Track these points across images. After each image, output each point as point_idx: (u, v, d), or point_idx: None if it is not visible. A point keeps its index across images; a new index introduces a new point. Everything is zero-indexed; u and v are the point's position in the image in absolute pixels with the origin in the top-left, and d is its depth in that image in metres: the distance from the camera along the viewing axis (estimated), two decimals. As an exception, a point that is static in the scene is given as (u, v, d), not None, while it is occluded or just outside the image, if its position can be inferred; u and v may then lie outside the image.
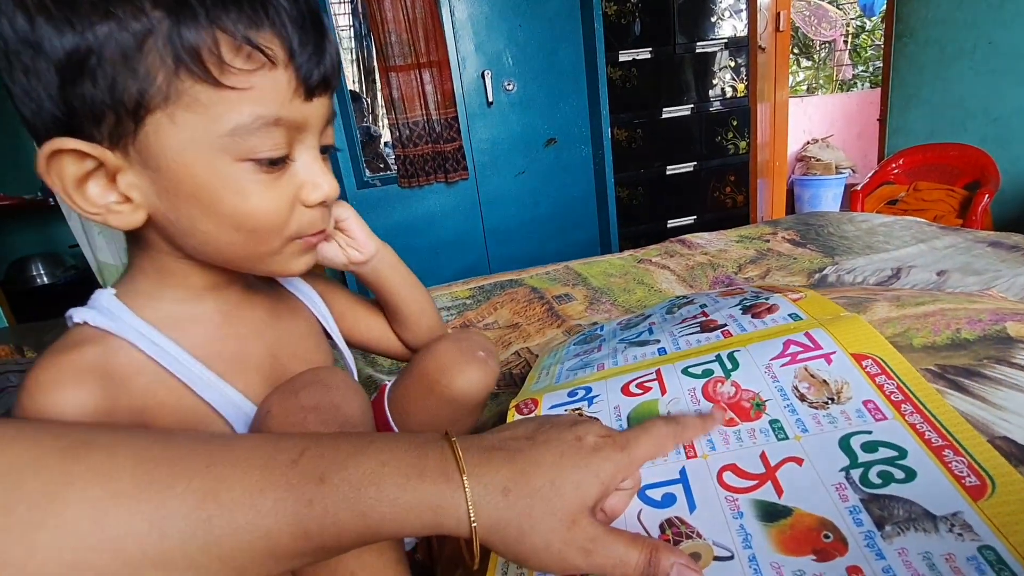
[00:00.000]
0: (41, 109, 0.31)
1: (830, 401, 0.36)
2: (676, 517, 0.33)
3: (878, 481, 0.30)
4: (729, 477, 0.34)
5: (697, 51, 2.56)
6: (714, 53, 2.59)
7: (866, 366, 0.38)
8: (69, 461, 0.25)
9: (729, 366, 0.44)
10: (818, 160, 3.56)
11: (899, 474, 0.30)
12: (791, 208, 3.58)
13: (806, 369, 0.40)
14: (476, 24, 2.13)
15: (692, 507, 0.34)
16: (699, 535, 0.32)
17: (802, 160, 3.66)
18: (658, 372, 0.47)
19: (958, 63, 2.09)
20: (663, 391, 0.44)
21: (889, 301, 0.47)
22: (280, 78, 0.32)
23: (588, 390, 0.49)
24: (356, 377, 0.53)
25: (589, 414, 0.46)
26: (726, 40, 2.59)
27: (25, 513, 0.23)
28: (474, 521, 0.28)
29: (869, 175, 2.18)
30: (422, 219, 2.28)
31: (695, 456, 0.37)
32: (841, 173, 3.51)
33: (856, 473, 0.31)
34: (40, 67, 0.30)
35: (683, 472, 0.36)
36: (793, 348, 0.42)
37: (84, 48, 0.29)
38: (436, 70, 2.08)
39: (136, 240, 0.38)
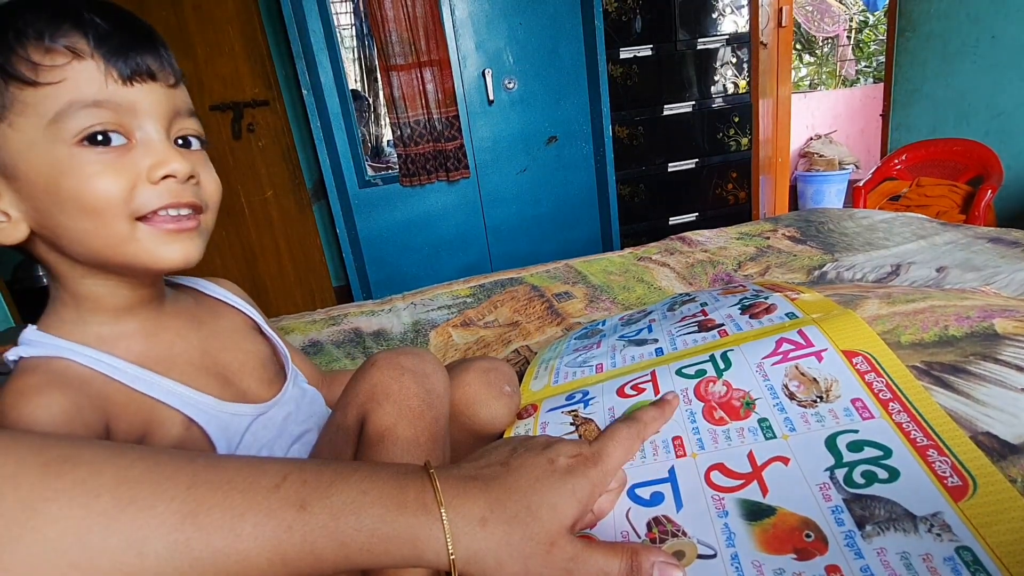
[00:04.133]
0: None
1: (819, 399, 0.37)
2: (663, 515, 0.34)
3: (862, 481, 0.31)
4: (716, 476, 0.35)
5: (699, 48, 2.55)
6: (716, 49, 2.59)
7: (857, 363, 0.38)
8: (51, 476, 0.24)
9: (722, 365, 0.44)
10: (821, 156, 3.54)
11: (883, 474, 0.30)
12: (794, 204, 3.57)
13: (797, 367, 0.40)
14: (476, 22, 2.13)
15: (679, 506, 0.34)
16: (684, 533, 0.32)
17: (805, 156, 3.65)
18: (653, 374, 0.48)
19: (961, 58, 2.08)
20: (656, 392, 0.45)
21: (880, 298, 0.48)
22: (89, 66, 0.36)
23: (585, 393, 0.50)
24: (290, 365, 0.56)
25: (585, 415, 0.46)
26: (728, 36, 2.58)
27: (1, 528, 0.23)
28: (452, 553, 0.28)
29: (872, 171, 2.17)
30: (424, 217, 2.28)
31: (684, 455, 0.38)
32: (844, 169, 3.49)
33: (840, 473, 0.31)
34: None
35: (672, 471, 0.37)
36: (785, 346, 0.43)
37: None
38: (437, 69, 2.08)
39: (49, 273, 0.42)
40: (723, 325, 0.52)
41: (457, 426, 0.52)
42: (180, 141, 0.42)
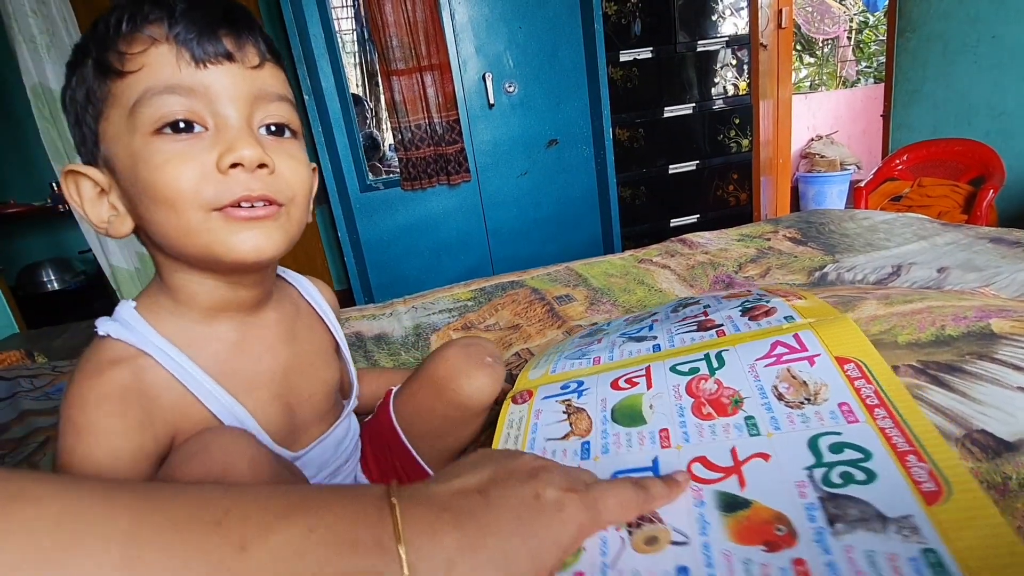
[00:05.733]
0: (77, 146, 0.40)
1: (806, 402, 0.37)
2: None
3: (839, 481, 0.31)
4: (698, 468, 0.36)
5: (698, 50, 2.56)
6: (716, 51, 2.59)
7: (848, 369, 0.39)
8: (1, 519, 0.23)
9: (716, 364, 0.45)
10: (822, 157, 3.54)
11: (860, 476, 0.31)
12: (796, 205, 3.57)
13: (788, 370, 0.41)
14: (476, 27, 2.14)
15: None
16: (660, 520, 0.33)
17: (806, 157, 3.65)
18: (648, 368, 0.49)
19: (961, 58, 2.08)
20: (649, 386, 0.46)
21: (878, 299, 0.48)
22: (164, 51, 0.35)
23: (580, 383, 0.51)
24: (356, 389, 0.54)
25: (578, 405, 0.48)
26: (728, 38, 2.59)
27: None
28: None
29: (873, 172, 2.17)
30: (425, 221, 2.29)
31: (669, 447, 0.38)
32: (846, 169, 3.49)
33: (819, 472, 0.32)
34: (74, 114, 0.39)
35: (656, 461, 0.38)
36: (779, 349, 0.43)
37: (69, 93, 0.38)
38: (437, 73, 2.09)
39: (155, 264, 0.42)
40: (722, 325, 0.52)
41: (443, 401, 0.53)
42: (273, 128, 0.40)
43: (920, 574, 0.25)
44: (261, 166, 0.37)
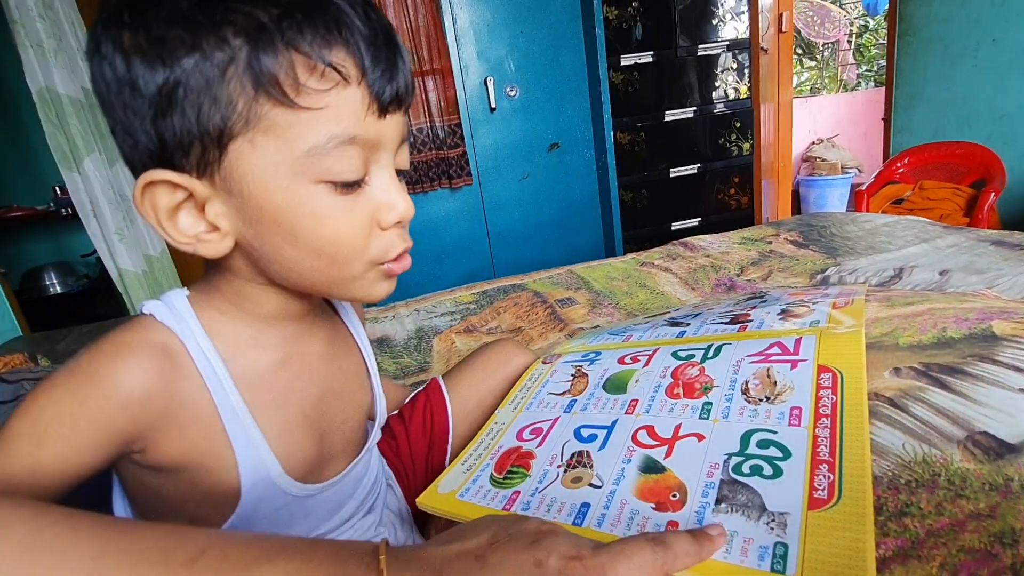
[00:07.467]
0: (137, 144, 0.32)
1: (765, 400, 0.39)
2: (586, 451, 0.40)
3: (747, 471, 0.34)
4: (642, 435, 0.40)
5: (699, 54, 2.56)
6: (716, 55, 2.60)
7: (823, 379, 0.40)
8: None
9: (711, 355, 0.47)
10: (823, 160, 3.54)
11: (768, 470, 0.33)
12: (797, 209, 3.57)
13: (768, 369, 0.42)
14: (478, 31, 2.15)
15: (603, 447, 0.40)
16: (591, 466, 0.38)
17: (808, 160, 3.65)
18: (655, 351, 0.52)
19: (962, 61, 2.08)
20: (646, 365, 0.49)
21: (880, 302, 0.48)
22: (353, 95, 0.32)
23: (598, 354, 0.56)
24: (381, 417, 0.53)
25: (585, 371, 0.52)
26: (728, 42, 2.59)
27: None
28: None
29: (874, 175, 2.17)
30: (427, 225, 2.30)
31: (631, 414, 0.43)
32: (847, 173, 3.49)
33: (735, 460, 0.35)
34: (136, 103, 0.31)
35: (614, 423, 0.42)
36: (774, 350, 0.45)
37: (173, 81, 0.30)
38: (439, 77, 2.10)
39: (217, 264, 0.38)
40: (751, 321, 0.53)
41: (497, 378, 0.61)
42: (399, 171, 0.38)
43: (762, 560, 0.28)
44: None
